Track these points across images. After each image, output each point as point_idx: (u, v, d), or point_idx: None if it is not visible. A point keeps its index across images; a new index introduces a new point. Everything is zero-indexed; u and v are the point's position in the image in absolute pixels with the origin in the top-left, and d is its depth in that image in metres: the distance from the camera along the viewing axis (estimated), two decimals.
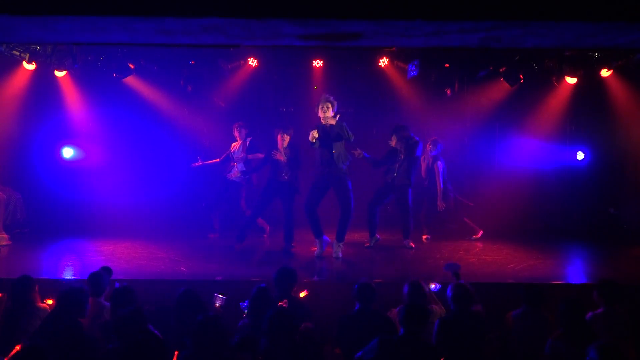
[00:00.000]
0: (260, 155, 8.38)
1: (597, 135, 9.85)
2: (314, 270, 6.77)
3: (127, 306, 4.22)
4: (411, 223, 8.08)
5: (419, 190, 8.75)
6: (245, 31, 3.37)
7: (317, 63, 9.88)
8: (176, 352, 3.86)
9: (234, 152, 8.82)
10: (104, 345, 4.12)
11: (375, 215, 8.08)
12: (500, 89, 9.78)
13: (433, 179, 8.76)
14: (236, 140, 8.87)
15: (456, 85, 9.90)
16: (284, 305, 4.58)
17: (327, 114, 7.08)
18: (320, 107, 7.14)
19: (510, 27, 3.26)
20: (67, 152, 9.53)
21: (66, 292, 4.41)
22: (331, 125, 7.05)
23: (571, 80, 9.26)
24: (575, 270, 7.73)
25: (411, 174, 7.99)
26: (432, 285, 5.23)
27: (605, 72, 9.08)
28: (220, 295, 5.07)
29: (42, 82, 9.23)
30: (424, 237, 8.80)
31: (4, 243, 7.92)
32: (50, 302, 4.99)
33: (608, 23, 3.17)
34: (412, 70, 9.20)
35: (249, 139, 8.74)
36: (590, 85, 9.41)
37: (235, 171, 8.73)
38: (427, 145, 8.82)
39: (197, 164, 9.04)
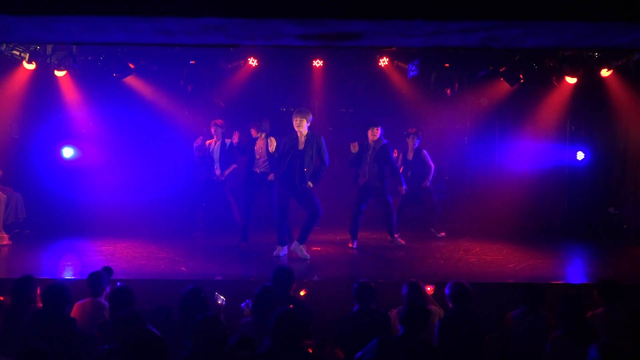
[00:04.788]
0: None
1: (597, 135, 9.85)
2: (313, 270, 6.77)
3: (125, 306, 4.21)
4: (395, 220, 8.10)
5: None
6: (245, 31, 3.36)
7: (317, 63, 9.89)
8: None
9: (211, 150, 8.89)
10: (102, 345, 4.11)
11: (357, 220, 8.07)
12: (500, 89, 9.79)
13: (419, 171, 8.77)
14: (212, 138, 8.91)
15: (456, 85, 9.91)
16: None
17: (301, 127, 7.10)
18: (294, 119, 7.15)
19: (510, 27, 3.26)
20: (67, 152, 9.53)
21: (47, 289, 4.40)
22: (306, 138, 7.12)
23: (571, 80, 9.26)
24: (575, 270, 7.73)
25: (384, 176, 7.93)
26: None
27: (605, 72, 9.07)
28: (221, 296, 5.06)
29: (42, 82, 9.22)
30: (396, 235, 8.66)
31: (4, 243, 7.91)
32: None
33: (608, 23, 3.17)
34: (412, 70, 9.21)
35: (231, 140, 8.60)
36: (590, 85, 9.41)
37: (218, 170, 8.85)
38: (409, 140, 8.87)
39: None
